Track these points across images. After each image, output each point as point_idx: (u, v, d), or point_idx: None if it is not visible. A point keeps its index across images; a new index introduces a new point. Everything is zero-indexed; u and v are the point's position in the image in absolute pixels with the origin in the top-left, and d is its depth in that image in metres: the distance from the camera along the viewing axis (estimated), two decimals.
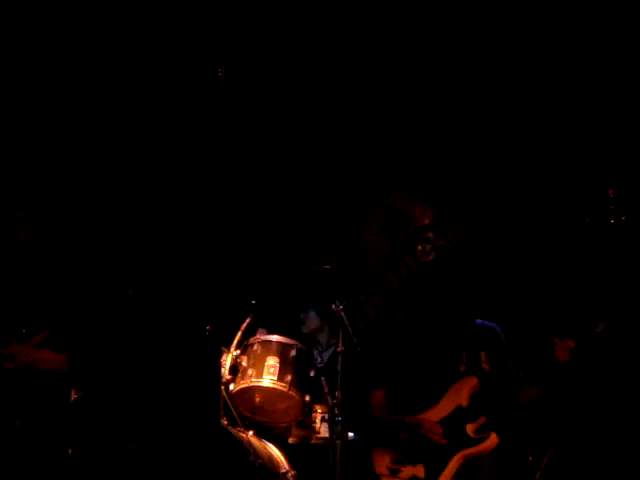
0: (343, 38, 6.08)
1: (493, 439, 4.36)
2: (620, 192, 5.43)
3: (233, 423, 4.91)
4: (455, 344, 4.57)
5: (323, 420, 5.06)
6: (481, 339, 4.57)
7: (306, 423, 5.08)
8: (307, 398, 5.00)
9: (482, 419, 4.36)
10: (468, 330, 4.60)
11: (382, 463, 4.43)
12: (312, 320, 5.85)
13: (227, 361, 5.01)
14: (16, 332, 4.42)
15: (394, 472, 4.36)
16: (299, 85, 6.24)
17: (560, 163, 5.83)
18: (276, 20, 5.89)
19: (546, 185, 5.88)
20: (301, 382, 5.00)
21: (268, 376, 4.95)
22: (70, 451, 4.46)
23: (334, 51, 6.14)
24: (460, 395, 4.40)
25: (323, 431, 5.07)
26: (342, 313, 5.03)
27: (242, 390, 4.98)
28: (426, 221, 6.32)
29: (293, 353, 5.04)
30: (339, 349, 5.00)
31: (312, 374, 5.08)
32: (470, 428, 4.36)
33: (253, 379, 4.96)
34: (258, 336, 5.16)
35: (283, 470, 4.81)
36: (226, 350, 5.05)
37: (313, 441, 5.10)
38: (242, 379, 4.98)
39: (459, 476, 4.33)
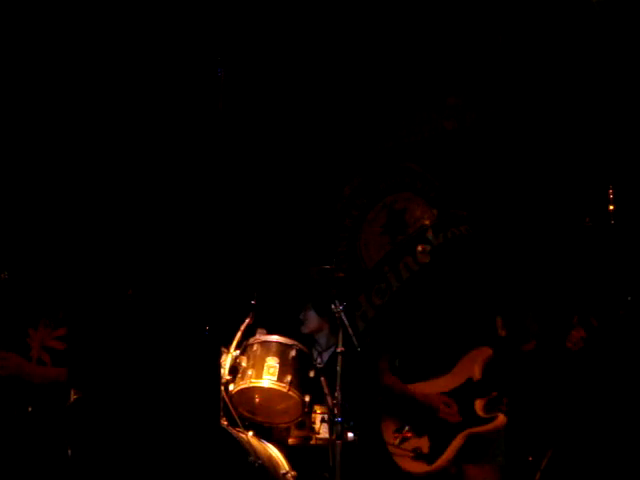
0: (342, 37, 6.08)
1: (500, 420, 4.22)
2: (620, 192, 5.43)
3: (233, 423, 4.90)
4: (468, 309, 4.45)
5: (323, 421, 5.05)
6: (494, 303, 4.45)
7: (306, 424, 5.07)
8: (307, 399, 4.99)
9: (493, 394, 4.24)
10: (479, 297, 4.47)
11: (390, 429, 4.35)
12: (312, 320, 5.84)
13: (227, 361, 5.00)
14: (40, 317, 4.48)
15: (401, 440, 4.29)
16: (298, 84, 6.24)
17: (560, 163, 5.82)
18: (275, 20, 5.89)
19: (546, 185, 5.88)
20: (301, 382, 4.99)
21: (268, 376, 4.94)
22: (70, 451, 4.47)
23: (333, 50, 6.14)
24: (472, 367, 4.28)
25: (323, 432, 5.06)
26: (342, 313, 5.03)
27: (242, 390, 4.97)
28: (426, 221, 6.31)
29: (293, 353, 5.04)
30: (339, 349, 4.99)
31: (312, 374, 5.08)
32: (479, 405, 4.23)
33: (253, 379, 4.95)
34: (258, 336, 5.15)
35: (283, 471, 4.80)
36: (226, 350, 5.04)
37: (313, 442, 5.09)
38: (242, 379, 4.97)
39: (463, 453, 4.23)
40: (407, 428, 4.27)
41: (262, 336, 5.15)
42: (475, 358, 4.30)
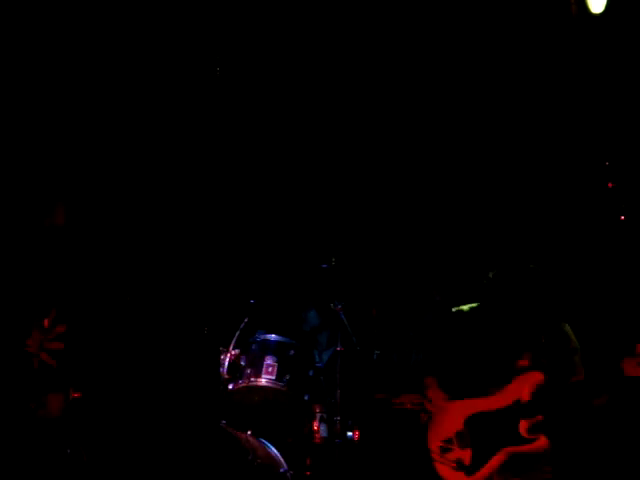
0: (341, 37, 6.09)
1: (542, 441, 4.21)
2: (620, 188, 5.42)
3: (232, 422, 4.91)
4: (519, 339, 4.45)
5: (322, 420, 5.06)
6: (550, 340, 4.42)
7: (305, 423, 5.09)
8: (306, 398, 5.00)
9: (538, 417, 4.27)
10: (536, 328, 4.45)
11: (436, 439, 4.38)
12: (313, 319, 5.85)
13: (226, 361, 5.01)
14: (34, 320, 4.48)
15: (444, 450, 4.32)
16: (297, 83, 6.24)
17: (559, 157, 5.83)
18: (274, 19, 5.90)
19: (546, 179, 5.88)
20: (300, 382, 5.00)
21: (266, 376, 4.95)
22: (70, 451, 4.48)
23: (333, 49, 6.15)
24: (522, 389, 4.31)
25: (322, 431, 5.07)
26: (341, 313, 5.04)
27: (241, 389, 4.99)
28: None
29: (292, 353, 5.05)
30: (338, 349, 5.00)
31: (311, 374, 5.09)
32: (523, 425, 4.25)
33: (252, 379, 4.96)
34: (257, 336, 5.17)
35: (281, 469, 4.81)
36: (225, 350, 5.05)
37: (312, 441, 5.10)
38: (241, 379, 4.99)
39: (504, 472, 4.27)
40: (453, 440, 4.32)
41: (261, 335, 5.16)
42: (526, 381, 4.32)
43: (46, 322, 4.57)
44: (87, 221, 5.08)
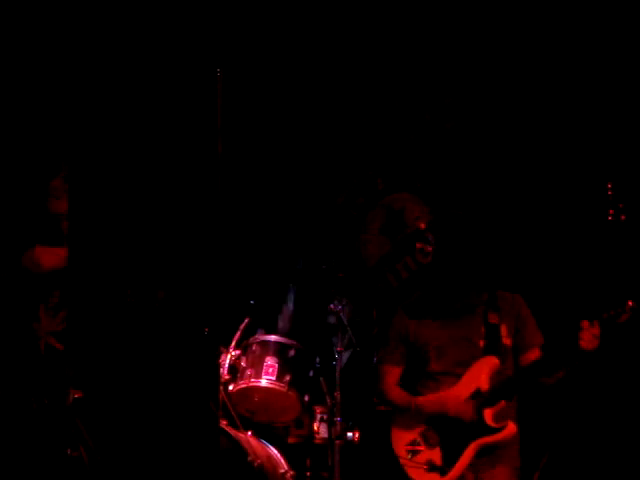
0: (342, 38, 6.10)
1: (510, 429, 4.20)
2: (619, 190, 5.43)
3: (232, 423, 4.91)
4: (473, 317, 4.39)
5: (322, 420, 5.07)
6: (502, 310, 4.36)
7: (305, 423, 5.09)
8: (306, 398, 5.01)
9: (502, 404, 4.22)
10: (486, 301, 4.39)
11: (401, 443, 4.35)
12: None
13: (226, 361, 5.01)
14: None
15: (412, 453, 4.29)
16: (298, 84, 6.25)
17: (559, 161, 5.83)
18: (274, 20, 5.90)
19: (545, 183, 5.88)
20: (300, 382, 5.01)
21: (267, 376, 4.96)
22: (70, 451, 4.48)
23: (333, 50, 6.16)
24: (480, 377, 4.24)
25: (322, 431, 5.07)
26: (341, 313, 5.04)
27: (241, 390, 4.99)
28: (425, 222, 6.30)
29: (292, 353, 5.05)
30: (338, 349, 5.01)
31: (311, 374, 5.09)
32: (489, 414, 4.22)
33: (252, 379, 4.97)
34: (257, 336, 5.17)
35: (282, 470, 4.81)
36: (225, 350, 5.05)
37: (312, 441, 5.10)
38: (241, 379, 4.99)
39: (477, 464, 4.23)
40: (418, 441, 4.29)
41: (261, 336, 5.17)
42: (481, 368, 4.28)
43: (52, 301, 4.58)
44: (87, 220, 5.09)
